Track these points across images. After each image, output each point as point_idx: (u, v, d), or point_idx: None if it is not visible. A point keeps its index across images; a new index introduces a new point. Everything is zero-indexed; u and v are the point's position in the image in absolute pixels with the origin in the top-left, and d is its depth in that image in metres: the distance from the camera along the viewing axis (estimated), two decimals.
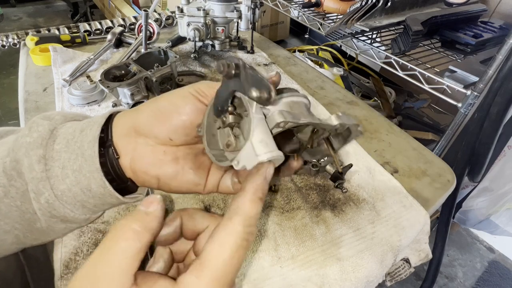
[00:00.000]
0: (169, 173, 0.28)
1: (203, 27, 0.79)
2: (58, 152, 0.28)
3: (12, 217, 0.28)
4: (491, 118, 0.61)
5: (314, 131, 0.31)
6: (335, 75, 1.25)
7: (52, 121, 0.30)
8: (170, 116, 0.28)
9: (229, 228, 0.22)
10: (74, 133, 0.28)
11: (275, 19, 1.68)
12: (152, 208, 0.23)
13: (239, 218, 0.22)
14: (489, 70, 0.59)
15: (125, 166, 0.29)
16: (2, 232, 0.29)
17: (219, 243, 0.21)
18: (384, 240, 0.47)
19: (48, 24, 3.12)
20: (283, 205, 0.50)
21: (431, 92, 0.67)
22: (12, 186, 0.27)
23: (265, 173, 0.24)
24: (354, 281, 0.42)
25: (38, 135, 0.28)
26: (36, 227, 0.29)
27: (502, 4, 0.98)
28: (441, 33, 0.75)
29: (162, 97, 0.29)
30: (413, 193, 0.54)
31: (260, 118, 0.25)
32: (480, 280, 1.26)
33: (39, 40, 0.84)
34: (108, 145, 0.29)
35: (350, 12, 0.75)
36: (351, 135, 0.32)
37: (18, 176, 0.27)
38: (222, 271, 0.21)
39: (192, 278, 0.21)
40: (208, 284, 0.20)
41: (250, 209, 0.23)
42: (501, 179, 1.10)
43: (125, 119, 0.30)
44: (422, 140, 0.80)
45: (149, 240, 0.22)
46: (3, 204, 0.27)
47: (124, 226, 0.22)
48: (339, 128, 0.29)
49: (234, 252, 0.21)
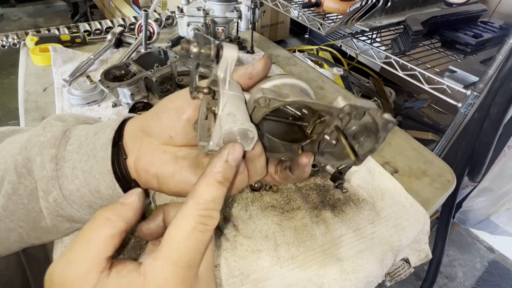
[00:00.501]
0: (167, 172, 0.29)
1: (203, 27, 0.79)
2: (70, 153, 0.28)
3: (18, 215, 0.29)
4: (491, 118, 0.61)
5: (318, 119, 0.27)
6: (335, 75, 1.25)
7: (65, 122, 0.31)
8: (169, 114, 0.28)
9: (183, 212, 0.22)
10: (87, 135, 0.29)
11: (275, 19, 1.68)
12: (129, 200, 0.24)
13: (191, 201, 0.22)
14: (489, 70, 0.59)
15: (130, 166, 0.30)
16: (7, 230, 0.29)
17: (174, 227, 0.22)
18: (384, 240, 0.47)
19: (48, 24, 3.12)
20: (283, 205, 0.50)
21: (431, 92, 0.67)
22: (21, 184, 0.28)
23: (227, 155, 0.23)
24: (354, 281, 0.42)
25: (52, 135, 0.28)
26: (41, 226, 0.30)
27: (502, 4, 0.98)
28: (441, 33, 0.75)
29: (166, 97, 0.30)
30: (413, 193, 0.54)
31: (232, 94, 0.24)
32: (480, 280, 1.26)
33: (39, 40, 0.84)
34: (118, 146, 0.30)
35: (350, 12, 0.75)
36: (379, 130, 0.26)
37: (28, 174, 0.28)
38: (177, 252, 0.21)
39: (149, 260, 0.22)
40: (164, 265, 0.21)
41: (205, 193, 0.23)
42: (501, 179, 1.10)
43: (135, 121, 0.31)
44: (422, 140, 0.80)
45: (124, 228, 0.23)
46: (11, 201, 0.28)
47: (99, 215, 0.23)
48: (352, 113, 0.24)
49: (189, 234, 0.22)
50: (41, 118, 0.64)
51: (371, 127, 0.26)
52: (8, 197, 0.28)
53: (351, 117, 0.25)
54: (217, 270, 0.41)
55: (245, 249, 0.44)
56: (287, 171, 0.30)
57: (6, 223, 0.29)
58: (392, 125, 0.26)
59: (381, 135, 0.27)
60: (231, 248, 0.44)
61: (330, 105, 0.24)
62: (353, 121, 0.26)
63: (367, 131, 0.27)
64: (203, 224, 0.22)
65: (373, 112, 0.25)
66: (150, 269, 0.21)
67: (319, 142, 0.28)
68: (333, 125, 0.26)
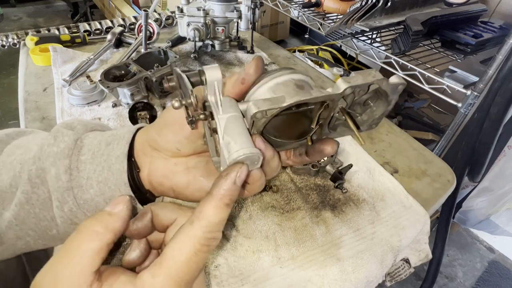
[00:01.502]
0: (181, 183, 0.29)
1: (203, 27, 0.79)
2: (83, 163, 0.29)
3: (28, 224, 0.29)
4: (491, 118, 0.61)
5: (321, 107, 0.26)
6: (335, 75, 1.25)
7: (75, 130, 0.31)
8: (172, 128, 0.29)
9: (189, 233, 0.22)
10: (99, 146, 0.30)
11: (275, 19, 1.68)
12: (117, 209, 0.24)
13: (200, 223, 0.22)
14: (489, 70, 0.59)
15: (143, 179, 0.30)
16: (15, 238, 0.30)
17: (178, 246, 0.22)
18: (384, 240, 0.47)
19: (48, 24, 3.12)
20: (283, 206, 0.50)
21: (431, 92, 0.67)
22: (34, 193, 0.28)
23: (235, 177, 0.23)
24: (354, 281, 0.42)
25: (65, 145, 0.29)
26: (51, 234, 0.30)
27: (502, 4, 0.98)
28: (441, 33, 0.75)
29: (166, 110, 0.30)
30: (413, 193, 0.54)
31: (228, 117, 0.24)
32: (480, 280, 1.26)
33: (39, 40, 0.84)
34: (131, 160, 0.30)
35: (350, 12, 0.75)
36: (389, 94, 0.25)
37: (42, 184, 0.28)
38: (178, 272, 0.22)
39: (148, 276, 0.22)
40: (163, 283, 0.21)
41: (213, 215, 0.22)
42: (501, 179, 1.10)
43: (142, 135, 0.31)
44: (422, 140, 0.80)
45: (111, 239, 0.23)
46: (23, 210, 0.28)
47: (86, 227, 0.23)
48: (356, 91, 0.24)
49: (192, 256, 0.22)
50: (41, 118, 0.64)
51: (380, 92, 0.26)
52: (21, 206, 0.28)
53: (355, 95, 0.24)
54: (217, 270, 0.41)
55: (245, 249, 0.44)
56: (302, 156, 0.30)
57: (16, 231, 0.29)
58: (402, 86, 0.25)
59: (391, 98, 0.26)
60: (231, 248, 0.44)
61: (329, 93, 0.24)
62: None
63: (377, 96, 0.26)
64: (207, 245, 0.22)
65: (378, 83, 0.24)
66: (148, 285, 0.21)
67: (329, 122, 0.28)
68: (339, 107, 0.25)
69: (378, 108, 0.27)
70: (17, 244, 0.30)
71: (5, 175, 0.29)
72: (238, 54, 0.95)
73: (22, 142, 0.32)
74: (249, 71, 0.26)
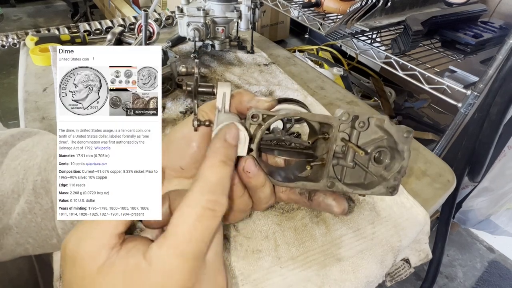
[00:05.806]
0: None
1: (203, 27, 0.79)
2: None
3: (29, 232, 0.29)
4: (491, 118, 0.61)
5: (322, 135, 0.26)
6: (335, 75, 1.25)
7: None
8: (178, 143, 0.29)
9: (189, 198, 0.22)
10: None
11: (275, 19, 1.68)
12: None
13: (198, 185, 0.22)
14: (489, 70, 0.59)
15: None
16: (14, 244, 0.30)
17: (180, 214, 0.21)
18: (384, 241, 0.47)
19: (48, 24, 3.12)
20: (283, 205, 0.50)
21: (431, 92, 0.67)
22: (38, 203, 0.29)
23: (223, 135, 0.23)
24: (354, 281, 0.42)
25: None
26: (51, 243, 0.30)
27: (502, 4, 0.98)
28: (441, 33, 0.75)
29: (173, 129, 0.30)
30: (413, 193, 0.54)
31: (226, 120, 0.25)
32: (480, 280, 1.26)
33: (39, 40, 0.84)
34: None
35: (350, 12, 0.75)
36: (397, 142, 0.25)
37: (46, 195, 0.29)
38: (182, 241, 0.21)
39: (155, 248, 0.21)
40: (169, 255, 0.21)
41: (210, 174, 0.22)
42: (501, 179, 1.10)
43: None
44: (422, 140, 0.80)
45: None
46: (25, 219, 0.29)
47: None
48: (355, 121, 0.24)
49: (195, 222, 0.21)
50: (41, 118, 0.64)
51: (388, 143, 0.26)
52: (24, 215, 0.29)
53: (355, 127, 0.25)
54: None
55: (245, 249, 0.44)
56: (303, 196, 0.30)
57: (16, 238, 0.29)
58: (408, 133, 0.25)
59: (402, 148, 0.26)
60: (231, 248, 0.44)
61: (328, 115, 0.25)
62: (363, 136, 0.25)
63: (386, 150, 0.26)
64: (211, 210, 0.21)
65: (379, 121, 0.24)
66: (155, 256, 0.21)
67: (334, 168, 0.27)
68: (339, 138, 0.25)
69: (392, 165, 0.28)
70: (16, 250, 0.30)
71: (7, 181, 0.29)
72: (238, 54, 0.95)
73: (27, 145, 0.32)
74: (261, 106, 0.27)
